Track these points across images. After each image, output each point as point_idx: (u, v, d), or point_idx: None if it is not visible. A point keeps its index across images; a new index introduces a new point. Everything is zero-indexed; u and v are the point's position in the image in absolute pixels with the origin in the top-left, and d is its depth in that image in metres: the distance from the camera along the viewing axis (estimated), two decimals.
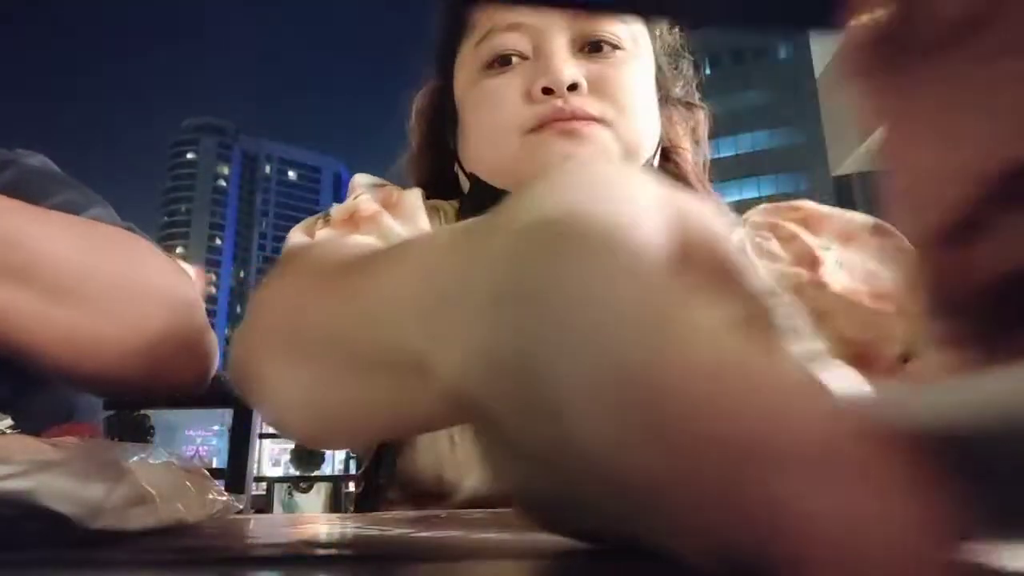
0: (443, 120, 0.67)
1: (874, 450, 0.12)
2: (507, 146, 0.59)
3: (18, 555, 0.25)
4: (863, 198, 26.22)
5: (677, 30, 0.70)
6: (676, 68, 0.69)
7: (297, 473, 5.43)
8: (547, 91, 0.58)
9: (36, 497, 0.27)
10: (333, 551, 0.29)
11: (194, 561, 0.27)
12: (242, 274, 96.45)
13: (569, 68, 0.58)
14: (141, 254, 0.62)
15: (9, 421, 0.64)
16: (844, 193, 26.57)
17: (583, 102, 0.58)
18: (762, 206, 0.70)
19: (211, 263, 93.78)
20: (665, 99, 0.67)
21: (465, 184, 0.65)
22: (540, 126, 0.58)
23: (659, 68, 0.66)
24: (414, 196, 0.61)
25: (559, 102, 0.57)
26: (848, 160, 10.22)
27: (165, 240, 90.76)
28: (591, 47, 0.60)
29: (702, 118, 0.72)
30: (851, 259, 0.60)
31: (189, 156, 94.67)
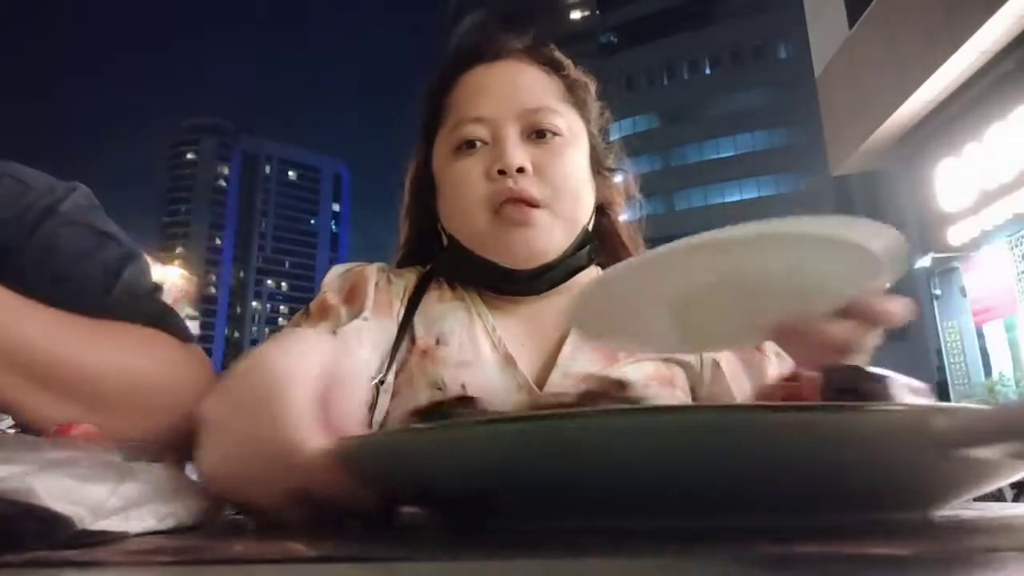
0: (426, 188, 0.85)
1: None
2: (477, 219, 0.77)
3: (18, 555, 0.25)
4: (863, 198, 26.22)
5: (607, 113, 0.91)
6: (607, 145, 0.88)
7: None
8: (501, 172, 0.76)
9: (37, 497, 0.27)
10: (331, 551, 0.29)
11: (194, 561, 0.27)
12: (242, 274, 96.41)
13: (518, 154, 0.76)
14: (156, 351, 0.66)
15: (9, 421, 0.64)
16: (844, 193, 26.58)
17: (528, 183, 0.76)
18: None
19: (211, 263, 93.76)
20: (598, 170, 0.85)
21: (445, 240, 0.83)
22: (498, 201, 0.76)
23: (592, 148, 0.85)
24: (369, 280, 0.80)
25: (510, 182, 0.75)
26: (848, 160, 10.21)
27: (165, 240, 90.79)
28: (537, 135, 0.79)
29: (631, 180, 0.91)
30: (730, 361, 0.79)
31: (189, 156, 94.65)
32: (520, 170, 0.76)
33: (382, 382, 0.75)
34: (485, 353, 0.77)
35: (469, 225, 0.78)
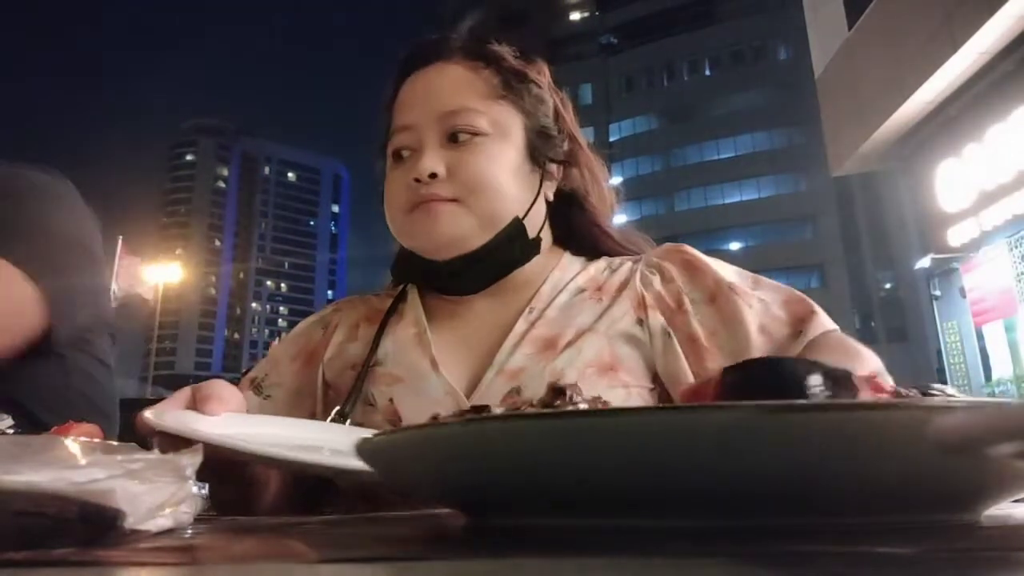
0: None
1: None
2: (397, 222, 0.83)
3: (19, 555, 0.25)
4: (863, 198, 26.22)
5: (559, 98, 0.90)
6: (551, 139, 0.86)
7: None
8: (417, 180, 0.79)
9: (114, 498, 0.28)
10: (331, 551, 0.29)
11: (194, 561, 0.27)
12: (242, 274, 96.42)
13: (428, 161, 0.79)
14: None
15: (9, 420, 0.64)
16: (844, 193, 26.58)
17: (438, 188, 0.79)
18: (664, 246, 0.89)
19: (210, 264, 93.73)
20: (540, 161, 0.85)
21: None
22: (411, 207, 0.80)
23: (529, 142, 0.84)
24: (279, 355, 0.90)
25: (423, 189, 0.79)
26: (848, 160, 10.21)
27: (165, 241, 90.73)
28: (454, 137, 0.80)
29: (584, 166, 0.90)
30: (705, 317, 0.78)
31: (189, 157, 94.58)
32: (433, 176, 0.78)
33: (342, 414, 0.78)
34: (415, 362, 0.80)
35: (393, 227, 0.84)
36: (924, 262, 9.24)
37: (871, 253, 26.79)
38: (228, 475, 0.65)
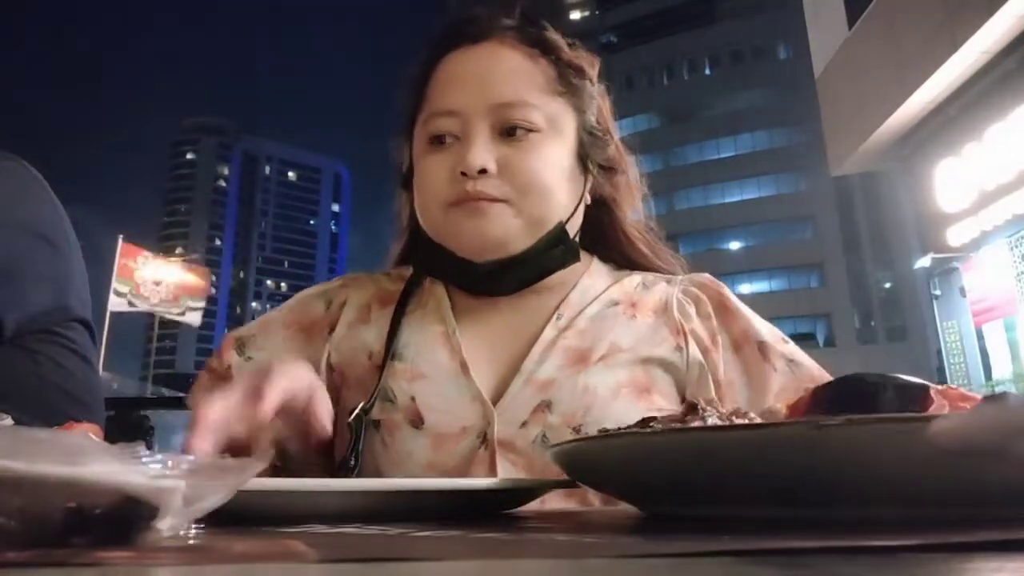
0: (412, 171, 0.82)
1: None
2: (436, 215, 0.76)
3: (19, 555, 0.25)
4: (863, 198, 26.22)
5: (609, 97, 0.86)
6: (599, 140, 0.82)
7: None
8: (463, 173, 0.73)
9: (174, 496, 0.29)
10: (331, 551, 0.29)
11: (193, 561, 0.27)
12: (242, 274, 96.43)
13: (480, 155, 0.73)
14: None
15: (9, 421, 0.64)
16: (844, 193, 26.57)
17: (488, 185, 0.73)
18: (701, 277, 0.85)
19: (211, 263, 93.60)
20: (587, 165, 0.80)
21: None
22: (456, 201, 0.74)
23: (580, 143, 0.80)
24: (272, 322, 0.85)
25: (469, 185, 0.73)
26: (848, 160, 10.20)
27: (165, 240, 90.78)
28: (508, 131, 0.75)
29: (630, 178, 0.86)
30: (728, 364, 0.77)
31: (189, 156, 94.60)
32: (483, 171, 0.73)
33: (365, 411, 0.74)
34: (442, 361, 0.75)
35: (428, 218, 0.78)
36: (924, 262, 9.25)
37: (871, 253, 26.81)
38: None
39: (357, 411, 0.73)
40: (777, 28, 29.53)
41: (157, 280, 14.07)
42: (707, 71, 32.96)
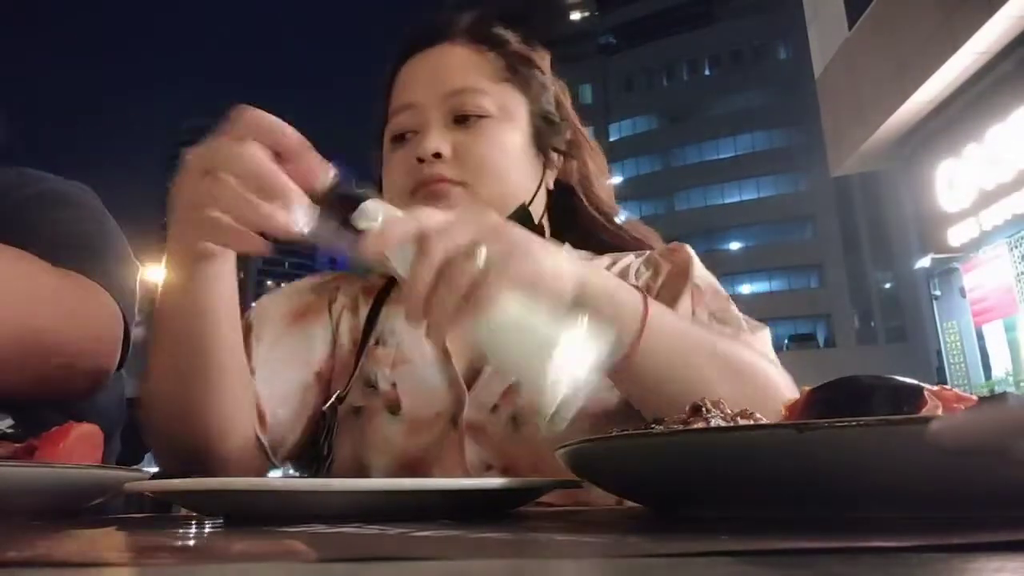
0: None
1: None
2: (401, 207, 0.72)
3: (19, 555, 0.25)
4: (863, 198, 26.20)
5: (560, 86, 0.89)
6: (556, 127, 0.85)
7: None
8: (420, 160, 0.76)
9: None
10: (331, 551, 0.29)
11: (193, 560, 0.27)
12: (242, 274, 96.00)
13: (434, 141, 0.76)
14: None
15: (9, 420, 0.64)
16: (844, 193, 26.55)
17: (443, 169, 0.76)
18: (672, 245, 0.87)
19: None
20: (544, 148, 0.84)
21: None
22: (415, 188, 0.77)
23: (535, 129, 0.83)
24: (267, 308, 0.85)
25: (426, 169, 0.76)
26: (848, 160, 10.20)
27: (165, 240, 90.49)
28: (459, 118, 0.78)
29: (588, 157, 0.89)
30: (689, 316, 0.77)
31: None
32: (438, 156, 0.76)
33: (340, 399, 0.77)
34: (426, 349, 0.78)
35: None
36: (924, 262, 9.24)
37: (871, 253, 26.78)
38: None
39: (332, 400, 0.76)
40: (777, 28, 29.50)
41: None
42: (707, 71, 32.92)
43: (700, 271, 0.82)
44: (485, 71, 0.81)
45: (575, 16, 37.09)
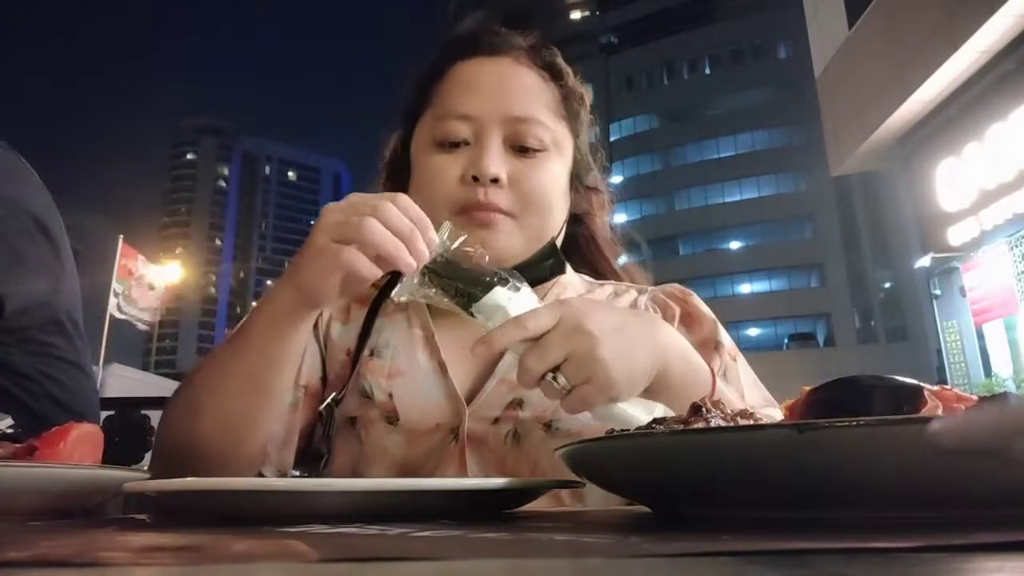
0: (403, 169, 0.84)
1: None
2: (439, 218, 0.73)
3: (19, 555, 0.25)
4: (863, 198, 26.20)
5: (596, 125, 0.91)
6: (587, 164, 0.88)
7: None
8: (475, 178, 0.75)
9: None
10: (331, 551, 0.29)
11: (194, 561, 0.27)
12: (242, 274, 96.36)
13: (495, 164, 0.75)
14: None
15: (9, 420, 0.64)
16: (844, 193, 26.55)
17: (499, 197, 0.75)
18: (670, 287, 0.89)
19: (211, 263, 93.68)
20: (576, 185, 0.86)
21: None
22: (466, 208, 0.75)
23: (575, 162, 0.85)
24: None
25: (480, 193, 0.75)
26: (848, 160, 10.20)
27: (165, 240, 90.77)
28: (519, 147, 0.78)
29: (605, 199, 0.92)
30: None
31: (189, 156, 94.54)
32: (495, 180, 0.75)
33: (336, 401, 0.77)
34: (420, 361, 0.78)
35: (432, 220, 0.79)
36: (924, 261, 9.24)
37: (871, 253, 26.79)
38: None
39: (328, 401, 0.76)
40: (777, 28, 29.50)
41: (152, 284, 13.98)
42: (707, 71, 32.90)
43: (723, 331, 0.83)
44: (547, 102, 0.80)
45: (575, 16, 37.09)
